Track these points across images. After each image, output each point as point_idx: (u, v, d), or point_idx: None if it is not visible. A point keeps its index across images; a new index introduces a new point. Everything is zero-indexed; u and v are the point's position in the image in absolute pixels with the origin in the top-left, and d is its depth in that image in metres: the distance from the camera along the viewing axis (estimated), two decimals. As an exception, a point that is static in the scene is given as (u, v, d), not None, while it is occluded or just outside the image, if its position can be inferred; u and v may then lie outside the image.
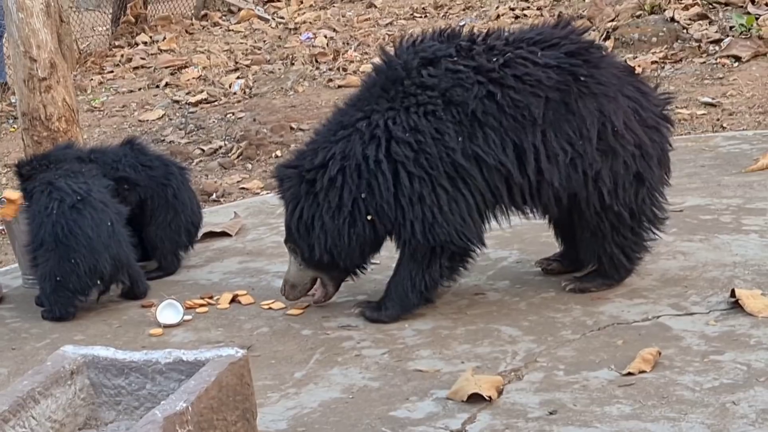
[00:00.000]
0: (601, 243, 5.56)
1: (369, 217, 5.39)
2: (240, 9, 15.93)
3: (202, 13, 16.18)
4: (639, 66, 9.67)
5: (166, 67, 13.34)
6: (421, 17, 14.12)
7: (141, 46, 14.74)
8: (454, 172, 5.31)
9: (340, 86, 11.37)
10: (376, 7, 15.22)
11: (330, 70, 12.15)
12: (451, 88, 5.32)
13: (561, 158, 5.35)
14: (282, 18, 15.33)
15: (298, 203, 5.47)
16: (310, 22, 14.75)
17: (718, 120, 8.79)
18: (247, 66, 12.77)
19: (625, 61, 8.47)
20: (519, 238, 6.31)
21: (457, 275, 5.62)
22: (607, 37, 10.93)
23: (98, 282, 6.03)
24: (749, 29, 10.54)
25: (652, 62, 10.36)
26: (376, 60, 5.74)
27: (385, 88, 5.44)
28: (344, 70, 12.06)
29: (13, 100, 12.54)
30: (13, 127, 11.47)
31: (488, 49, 5.45)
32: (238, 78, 12.19)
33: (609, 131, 5.39)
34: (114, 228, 6.06)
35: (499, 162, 5.31)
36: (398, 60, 5.48)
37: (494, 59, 5.38)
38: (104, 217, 6.03)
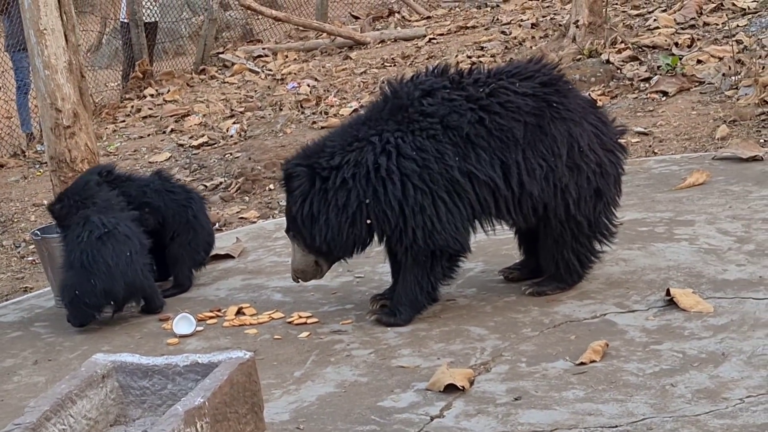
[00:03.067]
0: (561, 249, 5.62)
1: (368, 221, 5.40)
2: (234, 64, 15.96)
3: (201, 68, 16.18)
4: (598, 100, 9.76)
5: (171, 116, 13.34)
6: (390, 66, 14.16)
7: (148, 98, 14.73)
8: (451, 187, 5.36)
9: (322, 127, 11.35)
10: (351, 58, 15.25)
11: (313, 113, 12.16)
12: (448, 115, 5.39)
13: (538, 172, 5.42)
14: (270, 70, 15.36)
15: (308, 196, 5.44)
16: (295, 73, 14.78)
17: (650, 146, 8.84)
18: (241, 112, 12.78)
19: (589, 95, 8.53)
20: (483, 251, 6.34)
21: (452, 276, 5.64)
22: (553, 79, 10.97)
23: (111, 302, 6.09)
24: (674, 68, 10.62)
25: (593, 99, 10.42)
26: (383, 90, 5.76)
27: (392, 112, 5.48)
28: (326, 113, 12.07)
29: (38, 148, 12.56)
30: (39, 171, 11.48)
31: (475, 81, 5.53)
32: (234, 123, 12.19)
33: (576, 150, 5.47)
34: (132, 258, 6.10)
35: (488, 177, 5.37)
36: (402, 91, 5.54)
37: (481, 89, 5.46)
38: (125, 248, 6.08)
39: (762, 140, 8.37)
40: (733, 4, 12.45)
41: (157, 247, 6.63)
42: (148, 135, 12.68)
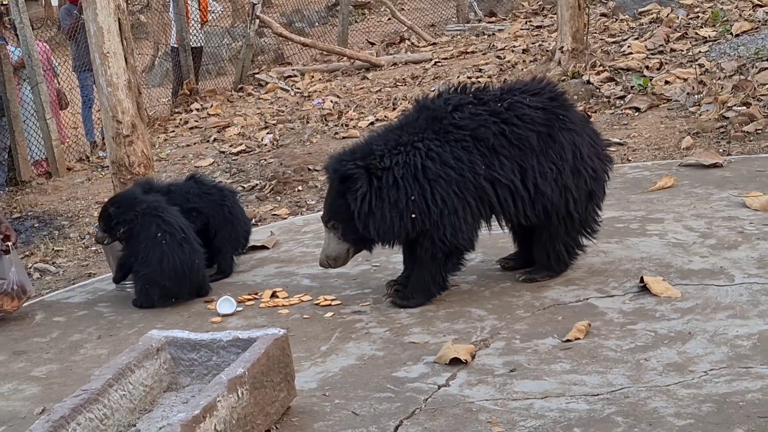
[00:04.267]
0: (553, 242, 5.62)
1: (413, 216, 5.34)
2: (267, 83, 15.95)
3: (239, 86, 16.16)
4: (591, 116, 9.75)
5: (214, 127, 13.32)
6: (402, 85, 14.13)
7: (194, 112, 14.72)
8: (476, 193, 5.33)
9: (343, 137, 11.36)
10: (368, 78, 15.22)
11: (335, 126, 12.14)
12: (477, 128, 5.36)
13: (549, 175, 5.41)
14: (299, 88, 15.34)
15: (367, 193, 5.31)
16: (320, 91, 14.76)
17: (624, 155, 8.80)
18: (274, 124, 12.76)
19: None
20: (482, 244, 6.26)
21: (460, 269, 5.62)
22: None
23: (173, 300, 6.10)
24: (645, 88, 10.58)
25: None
26: (414, 103, 5.70)
27: (428, 123, 5.42)
28: (346, 125, 12.05)
29: (101, 154, 12.57)
30: (101, 174, 11.48)
31: (493, 97, 5.50)
32: (267, 133, 12.17)
33: (578, 156, 5.48)
34: (200, 265, 6.16)
35: (509, 180, 5.35)
36: (434, 104, 5.50)
37: (500, 104, 5.44)
38: (195, 256, 6.11)
39: (721, 150, 8.34)
40: (696, 33, 12.41)
41: (202, 240, 6.64)
42: (194, 143, 12.67)
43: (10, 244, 6.29)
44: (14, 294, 6.18)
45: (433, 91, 5.79)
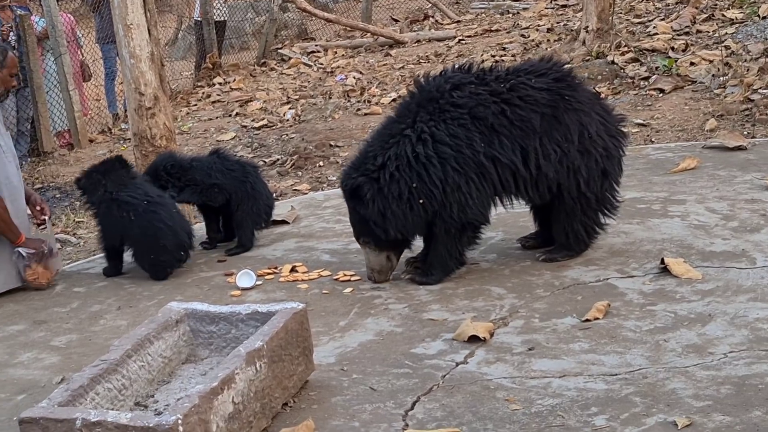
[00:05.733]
0: (571, 222, 5.58)
1: (421, 201, 5.34)
2: (290, 58, 15.93)
3: (262, 61, 16.16)
4: (604, 94, 9.70)
5: (236, 101, 13.34)
6: (425, 62, 14.09)
7: (217, 86, 14.73)
8: (478, 169, 5.31)
9: (365, 114, 11.36)
10: (391, 55, 15.18)
11: (358, 102, 12.13)
12: (476, 107, 5.34)
13: (553, 157, 5.38)
14: (321, 64, 15.32)
15: (372, 199, 5.33)
16: (342, 67, 14.74)
17: (648, 136, 8.77)
18: (296, 99, 12.76)
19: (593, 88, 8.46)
20: (502, 222, 6.31)
21: (477, 243, 5.62)
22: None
23: (182, 252, 6.15)
24: (670, 69, 10.53)
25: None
26: (409, 87, 5.71)
27: (422, 105, 5.41)
28: (368, 102, 12.04)
29: (123, 126, 12.61)
30: (123, 146, 11.50)
31: (496, 77, 5.48)
32: (289, 108, 12.18)
33: (586, 137, 5.44)
34: (179, 213, 6.23)
35: (510, 160, 5.33)
36: (430, 86, 5.48)
37: (502, 85, 5.41)
38: (169, 208, 6.14)
39: (746, 132, 8.30)
40: (723, 15, 12.32)
41: (223, 214, 6.66)
42: (216, 117, 12.69)
43: (46, 218, 6.34)
44: (52, 267, 6.24)
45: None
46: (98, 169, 6.34)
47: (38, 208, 6.35)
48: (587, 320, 4.75)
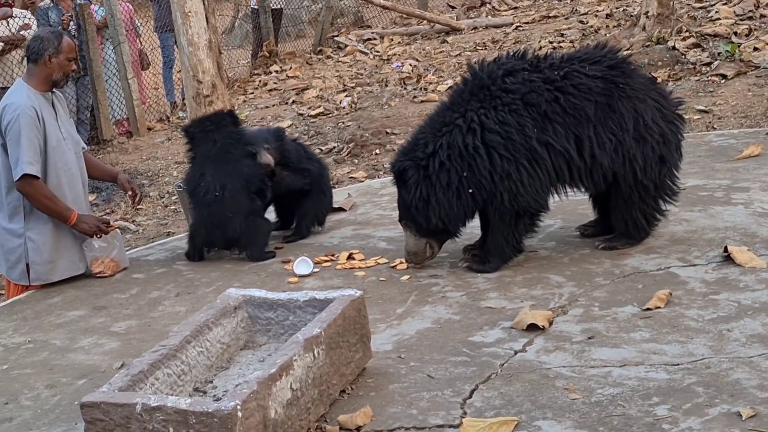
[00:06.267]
0: (629, 210, 5.52)
1: (470, 191, 5.34)
2: (346, 45, 15.94)
3: (318, 48, 16.20)
4: (658, 77, 9.58)
5: (293, 89, 13.39)
6: (482, 49, 14.02)
7: (273, 74, 14.79)
8: (530, 155, 5.28)
9: (422, 101, 11.34)
10: (447, 42, 15.13)
11: (414, 89, 12.11)
12: (528, 93, 5.31)
13: (607, 146, 5.33)
14: (378, 52, 15.31)
15: (417, 185, 5.36)
16: (399, 54, 14.71)
17: (710, 122, 8.66)
18: (352, 87, 12.78)
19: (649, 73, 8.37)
20: (561, 210, 6.26)
21: (534, 231, 5.58)
22: (624, 62, 10.81)
23: (211, 248, 6.35)
24: (733, 54, 10.38)
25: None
26: (463, 74, 5.69)
27: (473, 93, 5.40)
28: (425, 89, 12.01)
29: (181, 114, 12.70)
30: (181, 134, 11.58)
31: (550, 65, 5.44)
32: (346, 96, 12.20)
33: (641, 124, 5.38)
34: (236, 218, 6.17)
35: (563, 148, 5.29)
36: (483, 72, 5.46)
37: (556, 72, 5.38)
38: (230, 209, 6.16)
39: (811, 119, 8.16)
40: (788, -1, 12.13)
41: (286, 202, 6.68)
42: (273, 105, 12.74)
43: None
44: (119, 261, 6.31)
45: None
46: (210, 119, 6.38)
47: (129, 193, 6.42)
48: (648, 309, 4.69)
